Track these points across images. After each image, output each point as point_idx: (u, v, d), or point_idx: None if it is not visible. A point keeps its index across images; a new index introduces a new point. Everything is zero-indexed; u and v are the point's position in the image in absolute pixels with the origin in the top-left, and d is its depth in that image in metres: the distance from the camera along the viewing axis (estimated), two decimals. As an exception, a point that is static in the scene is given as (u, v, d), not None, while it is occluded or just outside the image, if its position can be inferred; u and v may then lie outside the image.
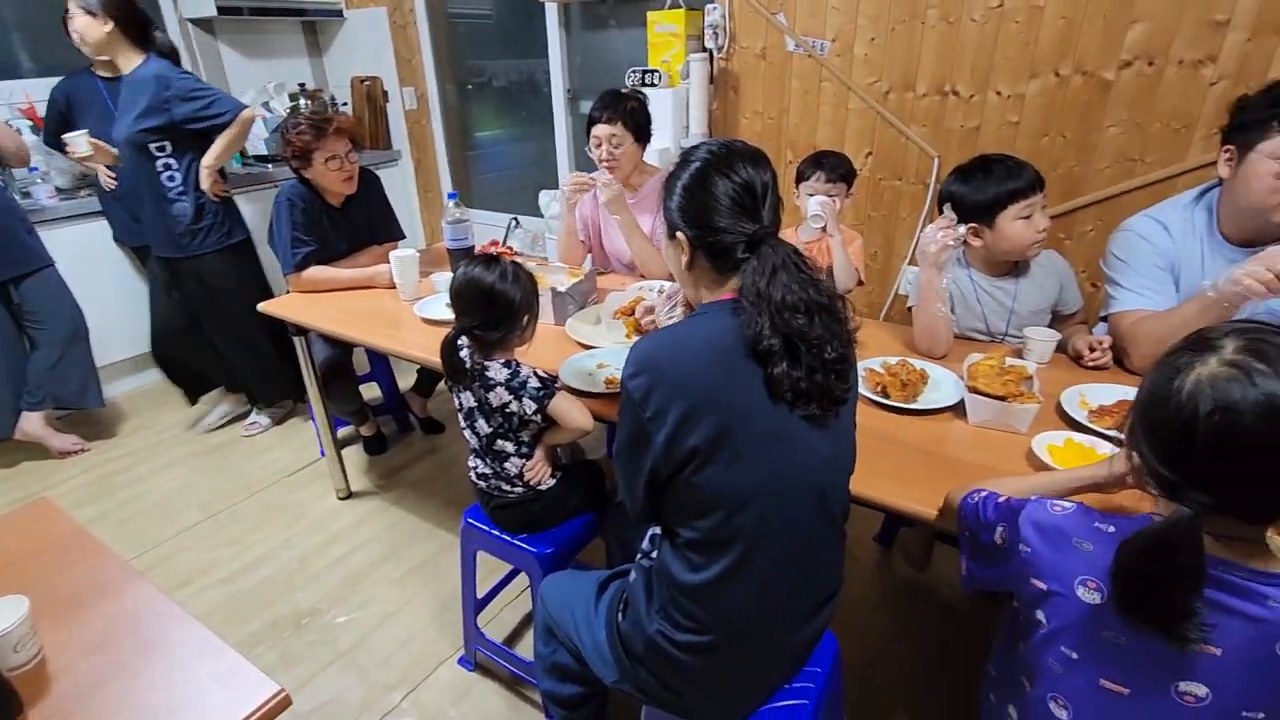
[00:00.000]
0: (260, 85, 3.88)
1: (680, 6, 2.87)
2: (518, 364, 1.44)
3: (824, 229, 2.05)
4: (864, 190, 2.71)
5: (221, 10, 3.55)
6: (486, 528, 1.57)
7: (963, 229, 1.53)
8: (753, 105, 2.86)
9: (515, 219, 3.91)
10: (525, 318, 1.44)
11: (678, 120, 2.88)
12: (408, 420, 2.90)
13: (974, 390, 1.34)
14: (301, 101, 3.91)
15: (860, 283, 2.14)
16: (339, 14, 4.13)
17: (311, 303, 2.16)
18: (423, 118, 4.23)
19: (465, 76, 4.19)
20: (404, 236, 2.46)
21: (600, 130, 2.09)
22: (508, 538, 1.54)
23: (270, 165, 3.67)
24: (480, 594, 1.78)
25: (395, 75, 4.13)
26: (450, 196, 2.19)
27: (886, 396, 1.43)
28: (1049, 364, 1.58)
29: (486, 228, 4.11)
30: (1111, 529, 0.80)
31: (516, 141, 4.27)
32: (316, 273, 2.21)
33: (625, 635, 1.11)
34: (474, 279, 1.39)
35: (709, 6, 2.76)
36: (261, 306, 2.18)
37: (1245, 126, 1.37)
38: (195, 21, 3.72)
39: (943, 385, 1.47)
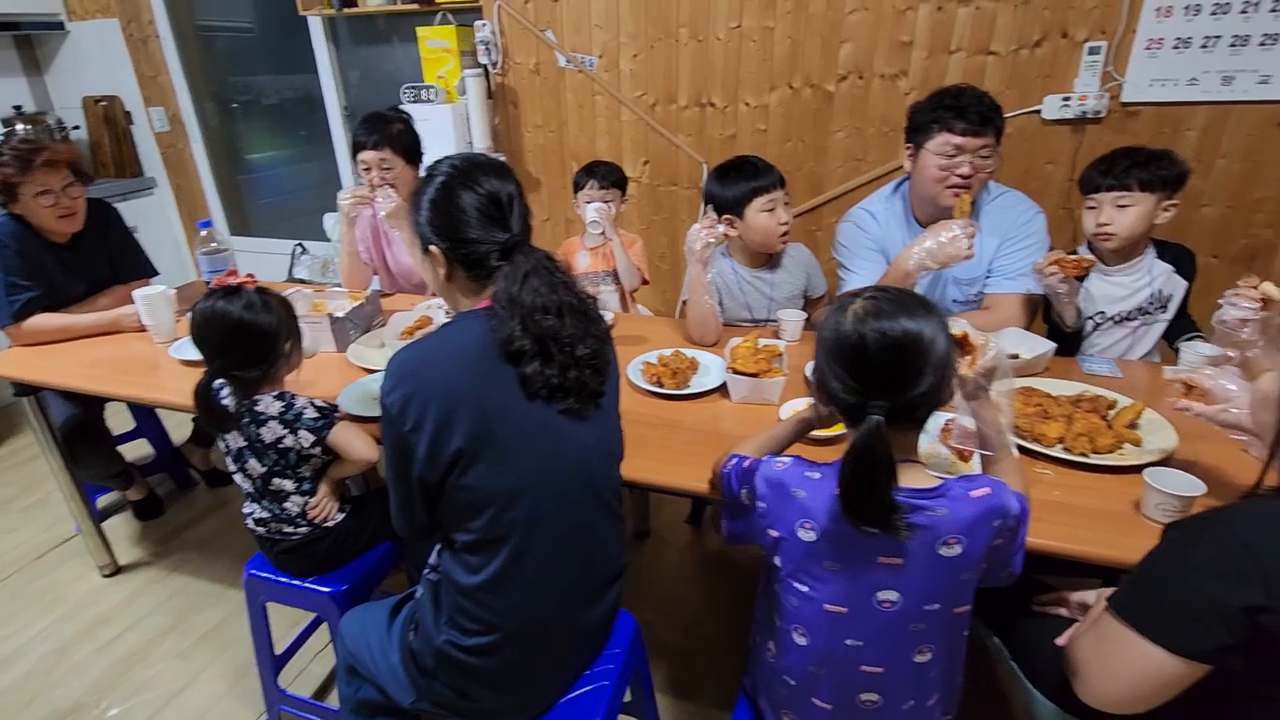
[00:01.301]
0: (-43, 108, 3.28)
1: (450, 22, 2.87)
2: (292, 395, 1.37)
3: (604, 234, 2.16)
4: (646, 196, 2.89)
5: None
6: (273, 576, 1.47)
7: (722, 227, 1.70)
8: (533, 119, 2.92)
9: (300, 245, 3.65)
10: (287, 344, 1.37)
11: (460, 135, 2.87)
12: (187, 475, 2.60)
13: (733, 371, 1.49)
14: (19, 127, 3.37)
15: (645, 282, 2.28)
16: (59, 26, 3.60)
17: (40, 356, 1.88)
18: (179, 140, 3.82)
19: (229, 94, 3.84)
20: (156, 273, 2.21)
21: (367, 156, 2.03)
22: (298, 582, 1.45)
23: (-22, 201, 3.11)
24: (281, 649, 1.66)
25: (139, 94, 3.69)
26: (202, 225, 2.01)
27: (661, 386, 1.54)
28: (800, 341, 1.79)
29: (269, 257, 3.81)
30: (817, 475, 0.94)
31: (296, 163, 3.99)
32: (43, 321, 1.92)
33: (416, 652, 1.10)
34: (217, 315, 1.30)
35: (478, 23, 2.78)
36: (-29, 367, 1.85)
37: (917, 128, 1.67)
38: None
39: (712, 370, 1.62)
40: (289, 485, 1.39)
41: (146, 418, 2.52)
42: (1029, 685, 1.10)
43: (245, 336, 1.32)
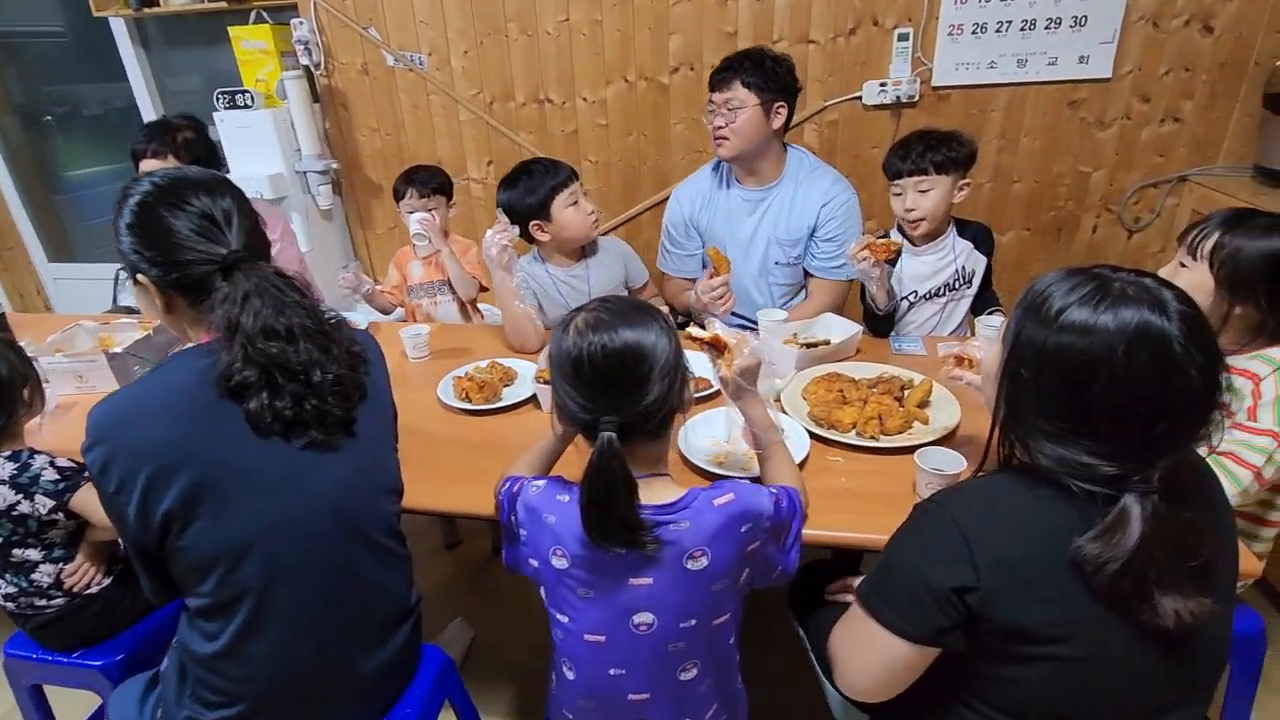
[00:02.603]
0: None
1: (266, 21, 2.67)
2: (30, 453, 1.20)
3: (432, 243, 2.05)
4: (492, 197, 2.77)
5: None
6: (31, 654, 1.30)
7: (515, 229, 1.63)
8: (367, 122, 2.76)
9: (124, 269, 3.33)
10: (23, 391, 1.21)
11: (286, 142, 2.67)
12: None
13: (540, 380, 1.43)
14: None
15: (484, 289, 2.19)
16: None
17: None
18: (-28, 160, 3.41)
19: (40, 106, 3.45)
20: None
21: (150, 165, 1.84)
22: (64, 658, 1.29)
23: None
24: (73, 729, 1.49)
25: (-84, 110, 3.26)
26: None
27: (470, 401, 1.46)
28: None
29: (93, 284, 3.46)
30: (566, 498, 0.90)
31: (125, 179, 3.62)
32: None
33: (162, 734, 0.99)
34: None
35: (295, 21, 2.60)
36: None
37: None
38: None
39: (528, 381, 1.56)
40: (35, 554, 1.22)
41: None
42: (821, 674, 1.10)
43: (-40, 390, 1.15)
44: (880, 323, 1.73)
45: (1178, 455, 0.71)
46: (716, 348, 1.06)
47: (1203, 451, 0.81)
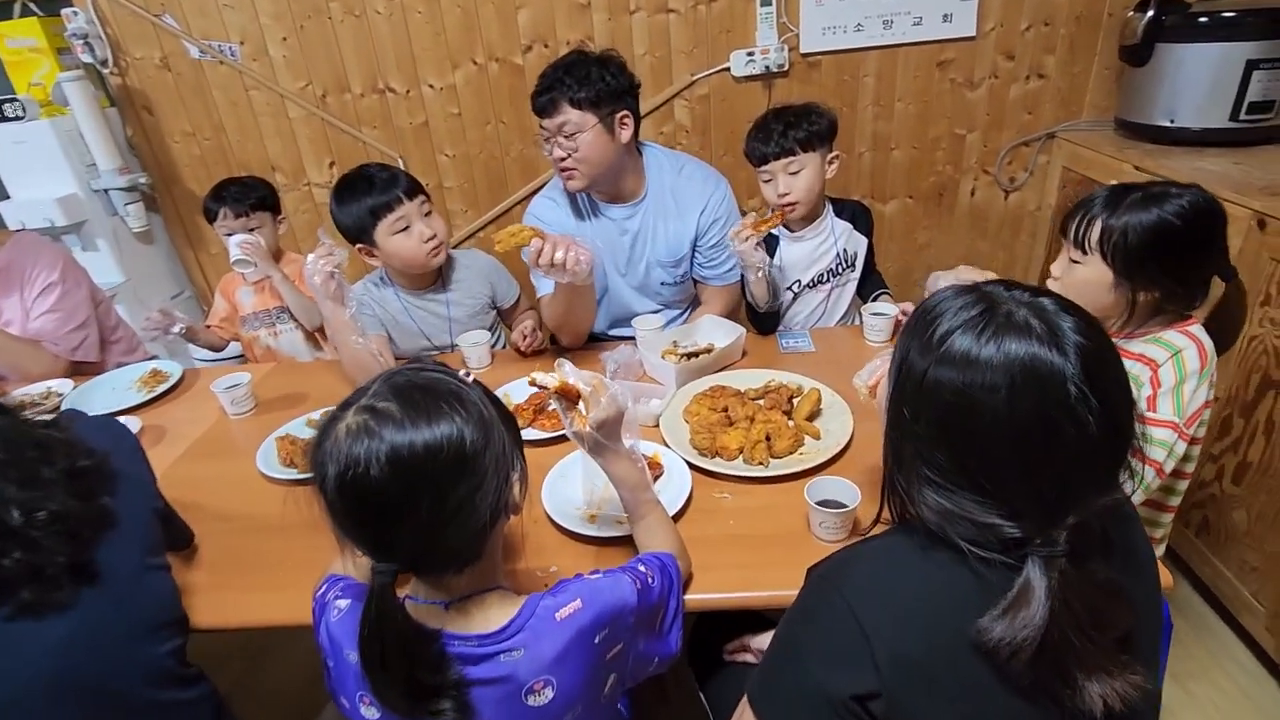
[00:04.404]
0: None
1: (35, 14, 2.23)
2: None
3: (259, 267, 1.76)
4: (342, 203, 2.48)
5: None
6: None
7: (343, 254, 1.37)
8: (178, 126, 2.37)
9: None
10: None
11: (77, 156, 2.25)
12: None
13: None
14: None
15: (334, 314, 1.92)
16: None
17: None
18: None
19: None
20: None
21: None
22: None
23: None
24: None
25: None
26: None
27: (295, 466, 1.22)
28: (494, 364, 1.55)
29: None
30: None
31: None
32: None
33: None
34: None
35: (66, 11, 2.17)
36: None
37: None
38: None
39: (373, 429, 1.33)
40: None
41: None
42: (726, 755, 0.96)
43: None
44: (765, 321, 1.60)
45: (1087, 510, 0.59)
46: (567, 397, 0.87)
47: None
